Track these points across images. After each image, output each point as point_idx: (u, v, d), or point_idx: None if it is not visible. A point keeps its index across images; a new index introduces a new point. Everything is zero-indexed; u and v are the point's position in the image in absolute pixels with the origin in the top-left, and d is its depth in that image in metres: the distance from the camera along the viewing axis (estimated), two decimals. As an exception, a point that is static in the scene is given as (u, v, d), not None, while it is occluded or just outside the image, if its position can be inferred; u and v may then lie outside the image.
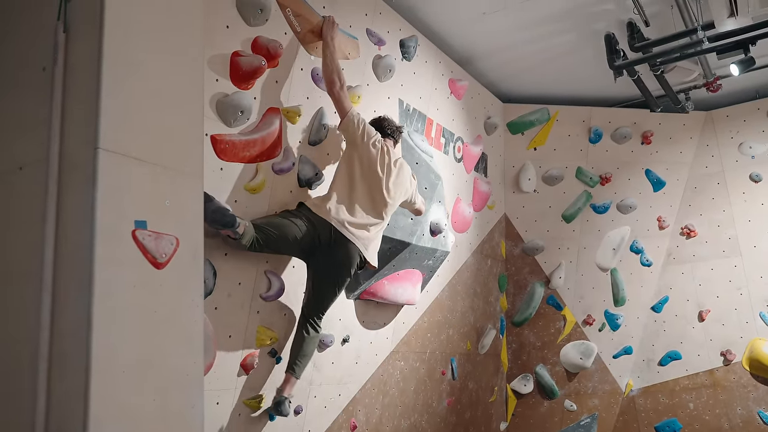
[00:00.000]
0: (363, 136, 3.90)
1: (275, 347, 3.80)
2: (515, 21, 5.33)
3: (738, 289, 6.55)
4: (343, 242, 3.75)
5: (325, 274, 3.80)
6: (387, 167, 3.96)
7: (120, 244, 2.42)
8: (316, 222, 3.69)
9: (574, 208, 6.77)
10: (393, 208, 4.06)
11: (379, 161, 3.92)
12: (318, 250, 3.73)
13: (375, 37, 4.61)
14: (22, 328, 2.45)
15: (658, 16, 5.26)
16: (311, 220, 3.68)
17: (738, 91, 6.64)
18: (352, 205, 3.81)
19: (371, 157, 3.90)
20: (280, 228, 3.57)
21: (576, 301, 6.79)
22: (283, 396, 3.68)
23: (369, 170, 3.89)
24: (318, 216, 3.70)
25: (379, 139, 4.00)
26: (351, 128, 3.89)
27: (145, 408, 2.42)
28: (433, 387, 5.45)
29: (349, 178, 3.86)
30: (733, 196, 6.71)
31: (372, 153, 3.91)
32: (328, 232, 3.71)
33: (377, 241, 3.99)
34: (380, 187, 3.91)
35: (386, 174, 3.94)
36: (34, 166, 2.55)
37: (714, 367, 6.55)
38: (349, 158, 3.91)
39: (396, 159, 4.08)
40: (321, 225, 3.69)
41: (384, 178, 3.92)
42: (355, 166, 3.87)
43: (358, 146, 3.90)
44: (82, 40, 2.55)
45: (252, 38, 3.64)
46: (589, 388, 6.71)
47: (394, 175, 4.00)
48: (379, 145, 3.96)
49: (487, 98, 6.40)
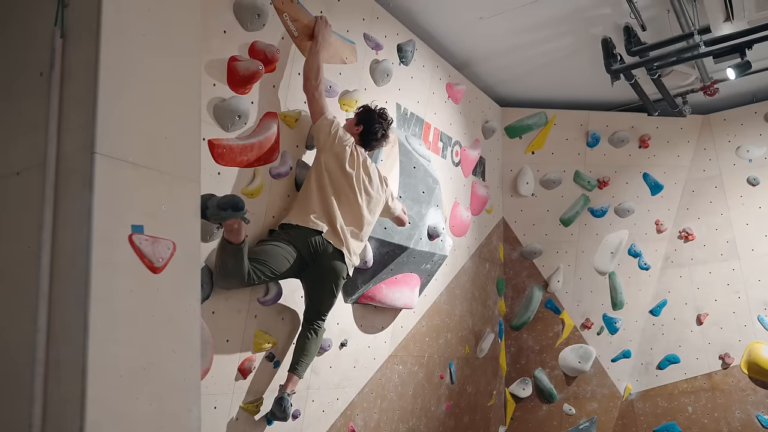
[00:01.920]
0: (334, 139, 3.80)
1: (273, 351, 3.80)
2: (512, 25, 5.35)
3: (736, 293, 6.55)
4: (328, 250, 3.71)
5: (318, 283, 3.79)
6: (357, 168, 3.86)
7: (117, 249, 2.42)
8: (300, 236, 3.63)
9: (572, 212, 6.78)
10: (372, 213, 3.98)
11: (349, 162, 3.82)
12: (308, 264, 3.70)
13: (372, 41, 4.62)
14: (18, 333, 2.45)
15: (654, 21, 5.28)
16: (295, 237, 3.62)
17: (735, 94, 6.66)
18: (331, 212, 3.74)
19: (340, 161, 3.80)
20: (271, 255, 3.52)
21: (574, 304, 6.79)
22: (285, 393, 3.66)
23: (339, 175, 3.80)
24: (304, 227, 3.64)
25: (352, 142, 3.90)
26: (323, 132, 3.80)
27: (142, 412, 2.42)
28: (431, 391, 5.45)
29: (321, 186, 3.76)
30: (730, 199, 6.72)
31: (341, 156, 3.81)
32: (313, 243, 3.65)
33: (360, 244, 3.93)
34: (351, 193, 3.83)
35: (356, 177, 3.85)
36: (31, 171, 2.56)
37: (712, 370, 6.55)
38: (317, 164, 3.81)
39: (366, 160, 3.96)
40: (305, 238, 3.63)
41: (355, 180, 3.84)
42: (324, 173, 3.77)
43: (326, 151, 3.80)
44: (79, 46, 2.56)
45: (249, 43, 3.65)
46: (588, 391, 6.71)
47: (365, 179, 3.91)
48: (349, 149, 3.85)
49: (484, 102, 6.42)
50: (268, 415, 3.71)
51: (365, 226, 3.93)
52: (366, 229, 3.95)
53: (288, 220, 3.70)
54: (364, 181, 3.90)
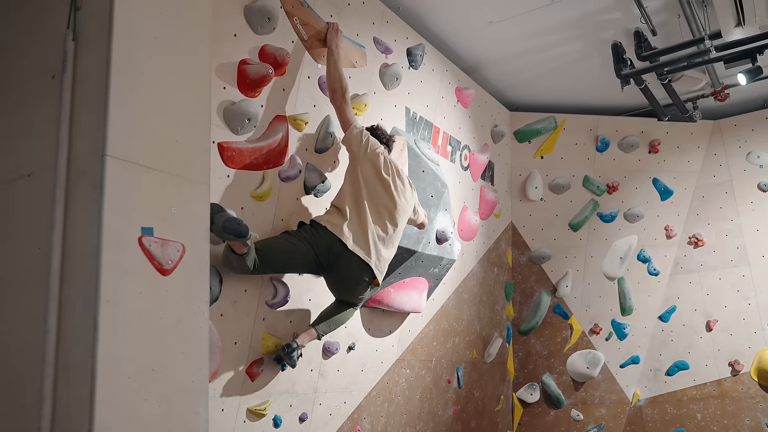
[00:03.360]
0: (366, 147, 3.85)
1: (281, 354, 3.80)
2: (522, 29, 5.34)
3: (746, 299, 6.52)
4: (351, 260, 3.69)
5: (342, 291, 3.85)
6: (392, 177, 3.91)
7: (126, 251, 2.43)
8: (323, 241, 3.62)
9: (581, 217, 6.76)
10: (404, 219, 4.00)
11: (384, 170, 3.87)
12: (325, 269, 3.72)
13: (382, 45, 4.63)
14: (28, 334, 2.47)
15: (665, 26, 5.27)
16: (317, 240, 3.62)
17: (746, 100, 6.63)
18: (364, 222, 3.75)
19: (376, 168, 3.84)
20: (281, 251, 3.55)
21: (583, 309, 6.77)
22: (296, 342, 3.67)
23: (375, 182, 3.83)
24: (331, 234, 3.64)
25: (383, 150, 3.95)
26: (354, 141, 3.84)
27: (150, 414, 2.43)
28: (438, 395, 5.44)
29: (356, 193, 3.79)
30: (741, 205, 6.68)
31: (376, 163, 3.85)
32: (334, 251, 3.65)
33: (392, 251, 3.94)
34: (388, 199, 3.86)
35: (393, 183, 3.89)
36: (43, 173, 2.57)
37: (722, 377, 6.51)
38: (353, 172, 3.85)
39: (398, 167, 4.02)
40: (327, 244, 3.63)
41: (392, 187, 3.87)
42: (360, 180, 3.81)
43: (361, 159, 3.84)
44: (91, 49, 2.57)
45: (259, 46, 3.66)
46: (596, 397, 6.68)
47: (401, 185, 3.95)
48: (382, 156, 3.90)
49: (493, 106, 6.41)
50: (275, 357, 3.71)
51: (398, 233, 3.96)
52: (398, 235, 3.98)
53: (319, 220, 3.72)
54: (399, 187, 3.93)
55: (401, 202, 3.93)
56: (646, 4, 4.89)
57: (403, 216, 3.97)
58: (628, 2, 4.95)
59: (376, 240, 3.79)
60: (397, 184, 3.92)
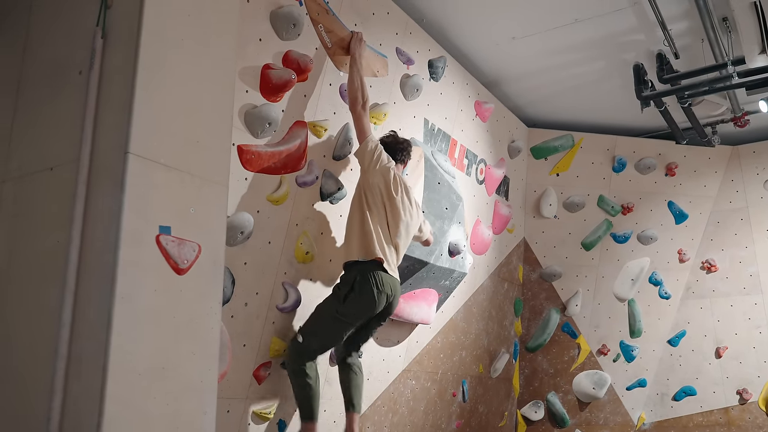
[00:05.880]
0: (378, 162, 3.83)
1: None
2: (545, 46, 5.35)
3: (757, 328, 6.46)
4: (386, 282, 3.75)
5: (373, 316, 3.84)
6: (401, 195, 3.89)
7: (144, 249, 2.46)
8: (368, 279, 3.67)
9: (594, 236, 6.74)
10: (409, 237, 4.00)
11: (393, 184, 3.84)
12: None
13: (404, 56, 4.65)
14: (42, 327, 2.49)
15: (688, 49, 5.26)
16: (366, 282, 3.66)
17: (766, 127, 6.59)
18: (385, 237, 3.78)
19: (387, 180, 3.82)
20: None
21: (591, 330, 6.73)
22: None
23: (387, 193, 3.82)
24: (370, 262, 3.69)
25: (393, 165, 3.93)
26: (368, 155, 3.83)
27: (158, 412, 2.44)
28: (443, 408, 5.42)
29: (373, 206, 3.78)
30: (756, 233, 6.63)
31: (388, 176, 3.83)
32: (379, 280, 3.70)
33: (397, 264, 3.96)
34: (398, 212, 3.85)
35: (401, 201, 3.88)
36: (65, 168, 2.60)
37: (729, 405, 6.45)
38: (367, 183, 3.82)
39: (407, 185, 3.99)
40: (374, 278, 3.68)
41: (401, 202, 3.86)
42: (377, 189, 3.80)
43: (373, 167, 3.83)
44: (119, 47, 2.61)
45: (283, 52, 3.68)
46: (601, 418, 6.63)
47: (408, 204, 3.94)
48: (392, 171, 3.87)
49: (512, 122, 6.41)
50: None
51: (403, 249, 3.97)
52: (404, 251, 3.99)
53: (354, 257, 3.73)
54: (407, 206, 3.93)
55: (406, 218, 3.91)
56: (670, 27, 4.88)
57: (408, 233, 3.96)
58: (652, 24, 4.95)
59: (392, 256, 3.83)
60: (405, 202, 3.91)
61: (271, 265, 3.66)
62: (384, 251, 3.74)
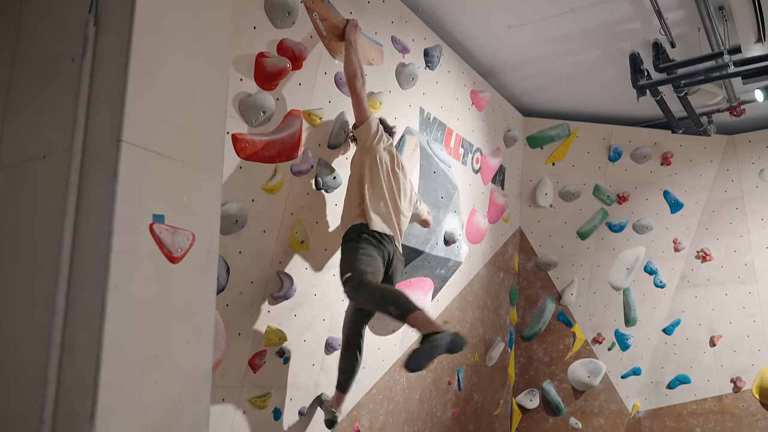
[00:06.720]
0: (380, 140, 3.92)
1: (283, 347, 3.82)
2: (540, 35, 5.34)
3: (751, 316, 6.49)
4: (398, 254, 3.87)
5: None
6: (402, 169, 4.02)
7: (137, 237, 2.45)
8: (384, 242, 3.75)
9: (589, 226, 6.74)
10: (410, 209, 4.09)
11: (397, 162, 3.98)
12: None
13: (400, 44, 4.63)
14: (36, 315, 2.49)
15: (684, 38, 5.25)
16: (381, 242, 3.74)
17: (762, 116, 6.59)
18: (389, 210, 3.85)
19: (388, 159, 3.92)
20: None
21: (587, 318, 6.75)
22: (337, 415, 3.95)
23: (387, 172, 3.90)
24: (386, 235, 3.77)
25: (391, 143, 4.05)
26: (371, 132, 3.87)
27: (152, 400, 2.45)
28: (438, 396, 5.44)
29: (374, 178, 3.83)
30: (751, 222, 6.65)
31: (392, 154, 3.97)
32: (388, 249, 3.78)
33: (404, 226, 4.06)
34: (399, 189, 3.94)
35: (402, 175, 4.01)
36: (57, 156, 2.59)
37: (723, 393, 6.49)
38: (372, 159, 3.86)
39: (402, 163, 4.12)
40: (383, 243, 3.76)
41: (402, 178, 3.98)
42: (379, 163, 3.86)
43: (373, 150, 3.88)
44: (112, 34, 2.59)
45: (278, 40, 3.67)
46: (596, 407, 6.67)
47: (404, 178, 4.05)
48: (393, 149, 4.01)
49: (508, 111, 6.40)
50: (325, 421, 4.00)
51: (405, 222, 4.04)
52: (406, 224, 4.06)
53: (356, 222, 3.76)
54: (408, 181, 4.08)
55: (409, 194, 4.06)
56: (666, 16, 4.87)
57: (409, 207, 4.07)
58: (648, 13, 4.94)
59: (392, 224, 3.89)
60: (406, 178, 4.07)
61: (266, 254, 3.66)
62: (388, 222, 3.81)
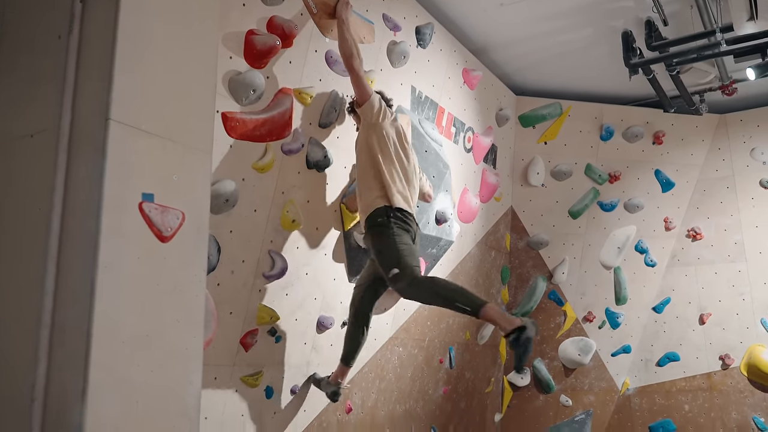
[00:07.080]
0: (385, 116, 3.93)
1: (275, 326, 3.83)
2: (532, 13, 5.30)
3: (740, 295, 6.54)
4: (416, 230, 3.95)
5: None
6: (408, 143, 4.08)
7: (126, 216, 2.43)
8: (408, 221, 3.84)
9: (581, 205, 6.76)
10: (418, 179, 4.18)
11: (405, 136, 4.03)
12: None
13: (391, 22, 4.59)
14: (25, 296, 2.47)
15: (676, 16, 5.23)
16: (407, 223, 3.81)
17: (753, 95, 6.59)
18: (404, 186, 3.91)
19: (394, 134, 3.95)
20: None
21: (578, 297, 6.79)
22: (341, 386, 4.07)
23: (396, 147, 3.94)
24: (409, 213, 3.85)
25: (396, 116, 4.07)
26: (374, 110, 3.88)
27: (143, 380, 2.44)
28: (430, 374, 5.48)
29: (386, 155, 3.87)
30: (741, 201, 6.68)
31: (398, 129, 4.00)
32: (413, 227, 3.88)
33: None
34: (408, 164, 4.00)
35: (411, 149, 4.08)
36: (45, 134, 2.56)
37: (712, 370, 6.55)
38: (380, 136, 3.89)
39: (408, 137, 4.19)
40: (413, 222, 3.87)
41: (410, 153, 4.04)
42: (388, 139, 3.89)
43: (379, 126, 3.90)
44: (98, 11, 2.55)
45: (268, 17, 3.63)
46: (586, 384, 6.73)
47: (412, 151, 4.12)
48: (396, 122, 4.04)
49: (500, 90, 6.38)
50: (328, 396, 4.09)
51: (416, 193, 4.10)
52: (416, 194, 4.12)
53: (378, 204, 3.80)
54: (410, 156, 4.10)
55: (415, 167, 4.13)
56: (659, -6, 4.85)
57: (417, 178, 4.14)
58: (640, -9, 4.92)
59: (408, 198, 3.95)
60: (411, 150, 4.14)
61: (257, 233, 3.66)
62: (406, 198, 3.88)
